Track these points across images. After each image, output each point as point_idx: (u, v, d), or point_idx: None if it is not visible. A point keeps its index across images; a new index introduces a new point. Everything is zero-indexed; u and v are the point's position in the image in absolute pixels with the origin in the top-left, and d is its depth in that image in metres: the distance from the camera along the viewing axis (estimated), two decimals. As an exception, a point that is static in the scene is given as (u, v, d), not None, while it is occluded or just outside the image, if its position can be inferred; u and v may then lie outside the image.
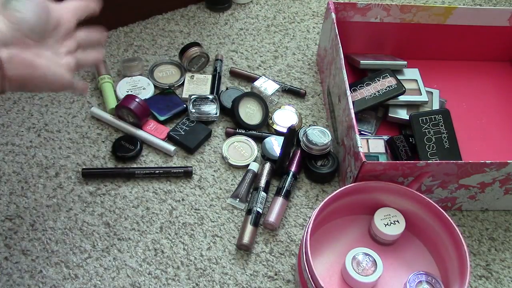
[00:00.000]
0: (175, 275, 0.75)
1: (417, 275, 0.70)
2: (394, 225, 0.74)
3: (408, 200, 0.74)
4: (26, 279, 0.73)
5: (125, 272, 0.75)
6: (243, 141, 0.90)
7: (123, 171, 0.84)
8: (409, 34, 1.01)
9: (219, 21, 1.13)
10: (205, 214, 0.82)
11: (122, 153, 0.86)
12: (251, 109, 0.94)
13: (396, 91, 0.91)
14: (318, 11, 1.18)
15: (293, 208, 0.84)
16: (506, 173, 0.75)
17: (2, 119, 0.91)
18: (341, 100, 0.84)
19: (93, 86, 0.98)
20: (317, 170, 0.85)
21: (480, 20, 0.99)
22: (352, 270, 0.69)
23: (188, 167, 0.85)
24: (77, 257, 0.76)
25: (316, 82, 1.03)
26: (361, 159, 0.72)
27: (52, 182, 0.84)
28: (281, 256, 0.78)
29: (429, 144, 0.86)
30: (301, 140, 0.86)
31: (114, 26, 1.08)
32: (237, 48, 1.08)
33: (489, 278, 0.78)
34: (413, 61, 1.01)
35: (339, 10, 0.96)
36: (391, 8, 0.96)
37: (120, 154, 0.86)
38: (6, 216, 0.79)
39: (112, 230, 0.79)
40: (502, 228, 0.84)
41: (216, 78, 0.99)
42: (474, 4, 1.26)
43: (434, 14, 0.98)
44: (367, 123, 0.94)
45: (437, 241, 0.74)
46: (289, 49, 1.08)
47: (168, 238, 0.79)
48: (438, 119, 0.88)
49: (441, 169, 0.73)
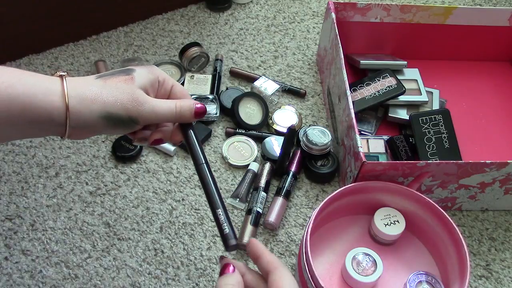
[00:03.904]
0: (175, 275, 0.75)
1: (417, 275, 0.70)
2: (394, 225, 0.74)
3: (408, 200, 0.74)
4: (26, 279, 0.73)
5: (125, 272, 0.75)
6: (243, 141, 0.90)
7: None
8: (409, 34, 1.01)
9: (219, 21, 1.13)
10: (205, 214, 0.82)
11: (122, 153, 0.86)
12: (251, 109, 0.94)
13: (396, 91, 0.91)
14: (318, 11, 1.18)
15: (293, 208, 0.84)
16: (506, 173, 0.75)
17: (2, 119, 0.91)
18: (341, 100, 0.84)
19: (93, 86, 0.98)
20: (317, 170, 0.85)
21: (480, 20, 0.99)
22: (352, 270, 0.69)
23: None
24: (77, 257, 0.76)
25: (316, 82, 1.03)
26: (361, 159, 0.72)
27: (52, 182, 0.84)
28: (281, 256, 0.78)
29: (429, 144, 0.86)
30: (301, 140, 0.86)
31: (114, 26, 1.08)
32: (237, 48, 1.08)
33: (489, 278, 0.78)
34: (413, 61, 1.01)
35: (339, 10, 0.96)
36: (391, 8, 0.96)
37: (120, 154, 0.86)
38: (6, 216, 0.79)
39: (112, 230, 0.79)
40: (502, 228, 0.84)
41: (216, 78, 0.99)
42: (474, 4, 1.25)
43: (434, 14, 0.98)
44: (367, 123, 0.94)
45: (437, 241, 0.74)
46: (289, 49, 1.08)
47: (168, 238, 0.79)
48: (438, 119, 0.88)
49: (441, 169, 0.73)
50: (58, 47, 1.04)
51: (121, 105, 0.49)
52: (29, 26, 0.97)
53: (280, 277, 0.48)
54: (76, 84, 0.48)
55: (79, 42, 1.05)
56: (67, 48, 1.04)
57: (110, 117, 0.49)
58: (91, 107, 0.48)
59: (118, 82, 0.50)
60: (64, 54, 1.03)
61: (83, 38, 1.06)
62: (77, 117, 0.47)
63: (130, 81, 0.50)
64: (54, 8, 0.97)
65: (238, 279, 0.49)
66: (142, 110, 0.50)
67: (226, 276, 0.49)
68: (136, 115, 0.50)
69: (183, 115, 0.53)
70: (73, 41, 1.05)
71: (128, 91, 0.50)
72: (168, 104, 0.53)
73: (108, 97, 0.49)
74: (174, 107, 0.53)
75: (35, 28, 0.98)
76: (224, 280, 0.48)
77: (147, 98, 0.51)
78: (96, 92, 0.48)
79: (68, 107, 0.47)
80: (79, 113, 0.47)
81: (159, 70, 0.55)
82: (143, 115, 0.51)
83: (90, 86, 0.49)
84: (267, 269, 0.49)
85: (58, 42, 1.04)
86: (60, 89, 0.47)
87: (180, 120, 0.54)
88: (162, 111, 0.52)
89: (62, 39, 1.04)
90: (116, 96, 0.49)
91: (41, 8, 0.95)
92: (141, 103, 0.50)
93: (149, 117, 0.51)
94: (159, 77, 0.54)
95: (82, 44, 1.05)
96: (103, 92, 0.49)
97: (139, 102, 0.50)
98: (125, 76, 0.51)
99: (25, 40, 0.99)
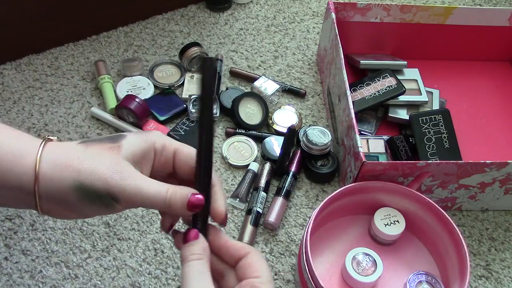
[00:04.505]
0: (175, 275, 0.75)
1: (417, 275, 0.70)
2: (394, 225, 0.74)
3: (408, 200, 0.74)
4: (26, 279, 0.73)
5: (125, 272, 0.75)
6: (243, 141, 0.90)
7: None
8: (409, 34, 1.01)
9: (219, 21, 1.13)
10: (205, 214, 0.82)
11: (122, 153, 0.86)
12: (251, 109, 0.94)
13: (396, 91, 0.91)
14: (318, 11, 1.18)
15: (293, 208, 0.84)
16: (506, 173, 0.75)
17: (2, 119, 0.91)
18: (341, 100, 0.84)
19: (93, 86, 0.98)
20: (317, 170, 0.85)
21: (480, 20, 0.99)
22: (352, 270, 0.69)
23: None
24: (77, 257, 0.76)
25: (316, 82, 1.03)
26: (361, 159, 0.72)
27: (52, 182, 0.84)
28: (281, 256, 0.78)
29: (429, 144, 0.86)
30: (301, 140, 0.86)
31: (114, 26, 1.08)
32: (237, 48, 1.08)
33: (489, 278, 0.78)
34: (413, 61, 1.01)
35: (339, 10, 0.96)
36: (391, 8, 0.96)
37: (120, 154, 0.86)
38: (6, 216, 0.79)
39: (112, 230, 0.79)
40: (502, 228, 0.84)
41: (216, 78, 0.99)
42: (474, 4, 1.25)
43: (434, 14, 0.98)
44: (367, 123, 0.94)
45: (437, 241, 0.74)
46: (289, 49, 1.08)
47: (168, 238, 0.79)
48: (438, 119, 0.88)
49: (441, 169, 0.73)
50: (58, 47, 1.04)
51: (98, 176, 0.40)
52: (29, 26, 0.97)
53: (256, 260, 0.44)
54: (56, 147, 0.41)
55: (79, 42, 1.05)
56: (67, 48, 1.04)
57: (83, 189, 0.40)
58: (63, 174, 0.40)
59: (101, 150, 0.42)
60: (64, 54, 1.03)
61: (83, 38, 1.06)
62: (48, 185, 0.40)
63: (116, 150, 0.42)
64: (54, 8, 0.97)
65: (204, 245, 0.43)
66: (124, 186, 0.41)
67: (191, 244, 0.43)
68: (116, 192, 0.41)
69: (172, 205, 0.43)
70: (73, 41, 1.05)
71: (111, 161, 0.41)
72: (158, 188, 0.42)
73: (84, 164, 0.40)
74: (165, 193, 0.42)
75: (35, 28, 0.98)
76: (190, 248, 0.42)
77: (133, 173, 0.42)
78: (73, 157, 0.41)
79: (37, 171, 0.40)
80: (51, 181, 0.40)
81: (157, 135, 0.45)
82: (126, 193, 0.41)
83: (68, 151, 0.41)
84: (237, 255, 0.44)
85: (58, 42, 1.04)
86: (36, 151, 0.40)
87: (169, 211, 0.44)
88: (148, 194, 0.42)
89: (62, 39, 1.04)
90: (94, 164, 0.41)
91: (41, 8, 0.95)
92: (124, 178, 0.41)
93: (133, 198, 0.41)
94: (156, 144, 0.45)
95: (82, 44, 1.05)
96: (80, 158, 0.41)
97: (122, 176, 0.41)
98: (111, 143, 0.42)
99: (25, 40, 0.99)
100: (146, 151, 0.44)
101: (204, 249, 0.43)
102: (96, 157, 0.41)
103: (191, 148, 0.46)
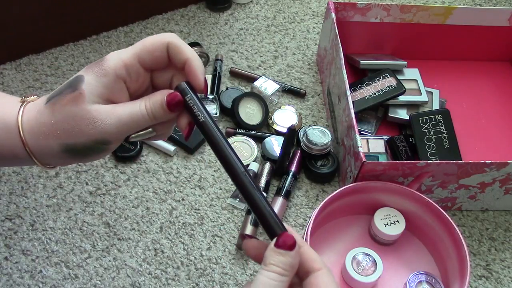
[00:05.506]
0: (175, 275, 0.75)
1: (417, 275, 0.70)
2: (394, 225, 0.74)
3: (408, 200, 0.74)
4: (26, 279, 0.73)
5: (125, 272, 0.75)
6: (243, 141, 0.90)
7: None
8: (409, 34, 1.01)
9: (219, 21, 1.13)
10: (205, 214, 0.82)
11: (122, 153, 0.86)
12: (251, 109, 0.94)
13: (396, 91, 0.91)
14: (318, 11, 1.18)
15: (293, 208, 0.84)
16: (506, 173, 0.75)
17: (2, 119, 0.91)
18: (341, 100, 0.84)
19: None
20: (317, 170, 0.85)
21: (480, 20, 0.99)
22: (352, 270, 0.69)
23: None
24: (77, 257, 0.76)
25: (316, 82, 1.03)
26: (361, 159, 0.72)
27: (52, 182, 0.84)
28: (281, 256, 0.78)
29: (429, 144, 0.86)
30: (301, 140, 0.86)
31: (114, 26, 1.08)
32: (237, 48, 1.08)
33: (489, 278, 0.78)
34: (413, 61, 1.01)
35: (339, 10, 0.96)
36: (391, 8, 0.96)
37: (120, 154, 0.86)
38: (6, 216, 0.79)
39: (112, 230, 0.79)
40: (502, 228, 0.84)
41: (216, 78, 0.99)
42: (474, 4, 1.25)
43: (434, 14, 0.98)
44: (367, 123, 0.94)
45: (437, 241, 0.74)
46: (289, 49, 1.08)
47: (168, 238, 0.79)
48: (438, 119, 0.88)
49: (441, 169, 0.73)
50: (58, 47, 1.04)
51: (78, 132, 0.41)
52: (29, 26, 0.97)
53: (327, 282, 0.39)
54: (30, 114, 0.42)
55: (79, 42, 1.05)
56: (67, 48, 1.04)
57: (71, 149, 0.41)
58: (48, 142, 0.41)
59: (66, 105, 0.41)
60: (64, 54, 1.03)
61: (83, 38, 1.06)
62: (41, 154, 0.42)
63: (80, 99, 0.40)
64: (54, 8, 0.97)
65: (295, 262, 0.39)
66: (105, 127, 0.41)
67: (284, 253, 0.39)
68: (101, 137, 0.41)
69: (156, 113, 0.42)
70: (73, 41, 1.05)
71: (79, 113, 0.40)
72: (134, 107, 0.42)
73: (59, 128, 0.41)
74: (144, 107, 0.42)
75: (35, 28, 0.98)
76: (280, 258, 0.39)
77: (106, 111, 0.41)
78: (46, 123, 0.41)
79: (26, 146, 0.41)
80: (41, 150, 0.42)
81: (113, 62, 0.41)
82: (111, 132, 0.41)
83: (40, 118, 0.41)
84: (309, 266, 0.40)
85: (58, 42, 1.04)
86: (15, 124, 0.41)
87: (157, 121, 0.43)
88: (129, 118, 0.42)
89: (62, 39, 1.04)
90: (68, 124, 0.41)
91: (41, 8, 0.95)
92: (101, 120, 0.41)
93: (120, 131, 0.42)
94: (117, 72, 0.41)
95: (82, 44, 1.05)
96: (53, 124, 0.41)
97: (97, 121, 0.40)
98: (72, 93, 0.41)
99: (25, 40, 0.99)
100: (109, 83, 0.41)
101: (292, 266, 0.39)
102: (66, 115, 0.41)
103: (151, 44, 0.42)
